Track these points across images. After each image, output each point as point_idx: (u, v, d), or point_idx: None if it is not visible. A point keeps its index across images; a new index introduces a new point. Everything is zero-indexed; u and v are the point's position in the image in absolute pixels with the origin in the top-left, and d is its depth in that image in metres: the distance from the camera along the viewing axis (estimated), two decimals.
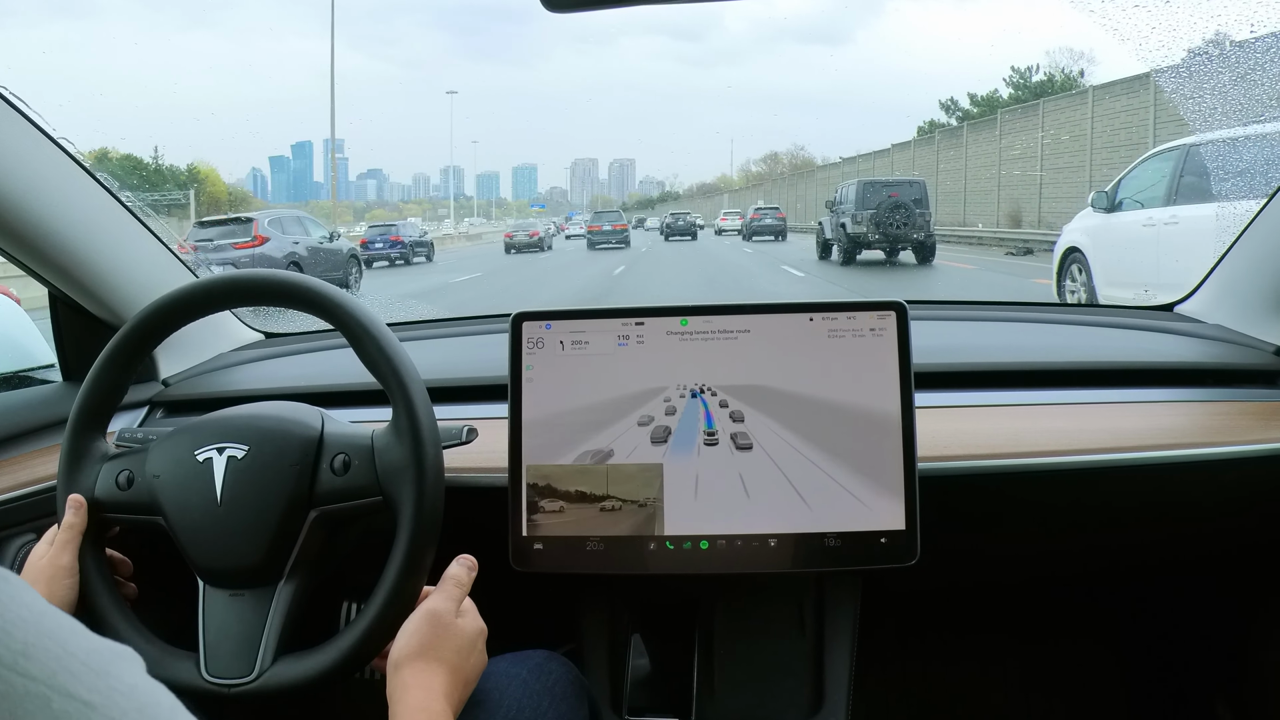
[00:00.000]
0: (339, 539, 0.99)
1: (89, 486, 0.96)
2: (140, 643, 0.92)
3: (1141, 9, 1.45)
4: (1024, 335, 1.54)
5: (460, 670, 0.85)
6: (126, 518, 0.97)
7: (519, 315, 1.07)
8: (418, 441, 0.91)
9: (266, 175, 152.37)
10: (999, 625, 1.74)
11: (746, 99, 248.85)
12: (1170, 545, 1.37)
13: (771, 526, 1.03)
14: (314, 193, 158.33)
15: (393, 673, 0.82)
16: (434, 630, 0.84)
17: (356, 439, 0.96)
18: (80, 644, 0.38)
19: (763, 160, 60.90)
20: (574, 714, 0.98)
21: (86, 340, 1.34)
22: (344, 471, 0.94)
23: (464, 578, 0.91)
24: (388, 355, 0.93)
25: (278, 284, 0.98)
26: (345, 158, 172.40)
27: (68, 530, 0.94)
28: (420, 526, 0.90)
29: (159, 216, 1.24)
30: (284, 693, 0.90)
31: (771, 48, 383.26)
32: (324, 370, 1.44)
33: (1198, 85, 1.53)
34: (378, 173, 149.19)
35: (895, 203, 14.47)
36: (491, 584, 0.98)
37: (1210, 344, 1.40)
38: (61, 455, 0.98)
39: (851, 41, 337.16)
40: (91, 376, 0.98)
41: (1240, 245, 1.41)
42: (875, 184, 15.51)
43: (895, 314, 1.05)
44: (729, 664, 1.19)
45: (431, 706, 0.78)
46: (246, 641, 0.91)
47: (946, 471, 1.11)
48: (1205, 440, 1.16)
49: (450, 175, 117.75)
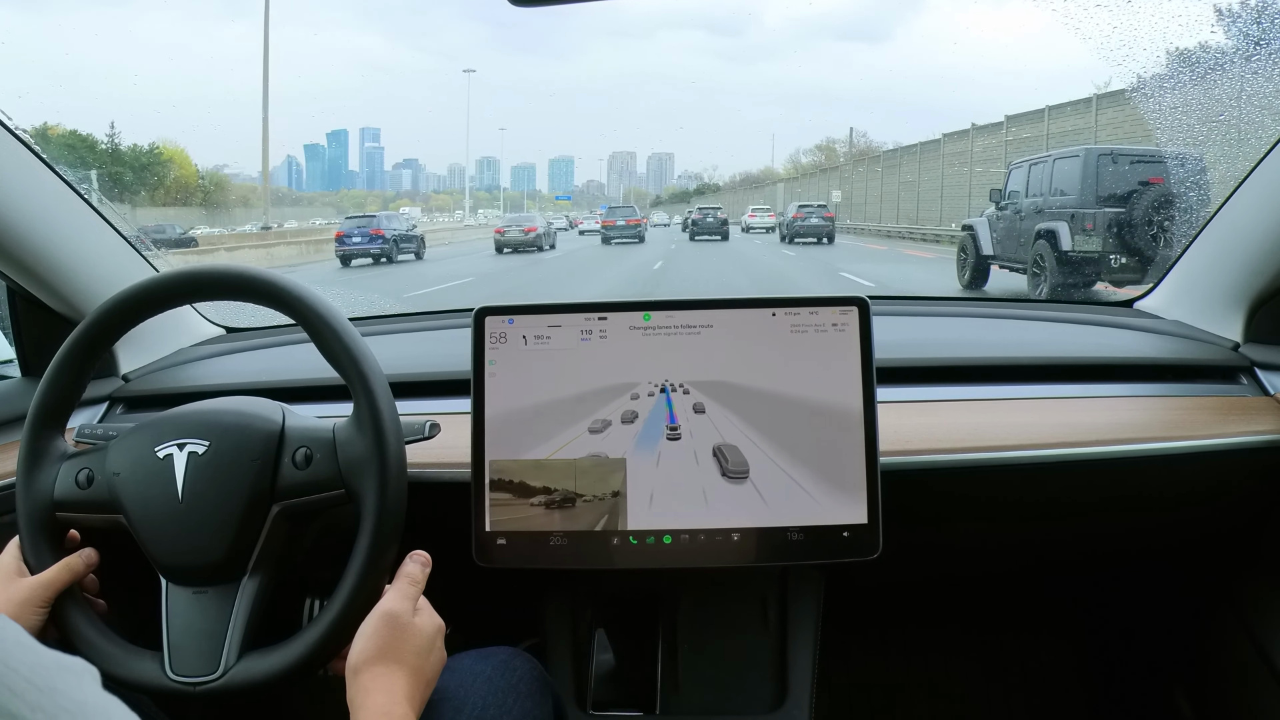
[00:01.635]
0: (302, 534, 0.98)
1: (49, 486, 0.95)
2: (103, 643, 0.91)
3: (1103, 9, 1.47)
4: (986, 331, 1.56)
5: (421, 671, 0.84)
6: (87, 517, 0.95)
7: (481, 310, 1.06)
8: (380, 434, 0.90)
9: (302, 164, 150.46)
10: (961, 618, 1.76)
11: (785, 95, 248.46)
12: (1129, 538, 1.39)
13: (734, 521, 1.03)
14: (349, 181, 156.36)
15: (352, 677, 0.81)
16: (391, 632, 0.84)
17: (318, 432, 0.95)
18: (24, 659, 0.36)
19: (817, 149, 52.89)
20: (539, 710, 0.98)
21: (45, 335, 1.33)
22: (306, 465, 0.93)
23: (418, 575, 0.90)
24: (348, 348, 0.92)
25: (238, 278, 0.97)
26: (380, 147, 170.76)
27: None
28: (383, 519, 0.89)
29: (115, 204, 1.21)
30: (249, 690, 0.89)
31: (810, 44, 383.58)
32: (286, 365, 1.43)
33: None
34: (413, 162, 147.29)
35: (1159, 192, 7.80)
36: (454, 580, 0.98)
37: (1169, 340, 1.42)
38: (20, 455, 0.96)
39: (891, 39, 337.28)
40: (49, 374, 0.97)
41: (1199, 243, 1.43)
42: (1119, 155, 8.61)
43: (858, 309, 1.05)
44: (693, 658, 1.19)
45: (394, 710, 0.77)
46: (211, 639, 0.90)
47: (908, 466, 1.12)
48: (1164, 435, 1.17)
49: (484, 167, 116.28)
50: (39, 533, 0.94)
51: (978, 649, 1.73)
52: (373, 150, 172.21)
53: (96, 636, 0.92)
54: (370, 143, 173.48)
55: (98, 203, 1.34)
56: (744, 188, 55.24)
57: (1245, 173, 1.30)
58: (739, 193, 51.41)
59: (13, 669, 0.35)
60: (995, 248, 9.93)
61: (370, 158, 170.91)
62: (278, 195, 58.95)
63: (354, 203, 65.37)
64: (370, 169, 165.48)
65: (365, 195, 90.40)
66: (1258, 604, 1.31)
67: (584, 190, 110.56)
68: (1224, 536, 1.37)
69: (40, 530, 0.94)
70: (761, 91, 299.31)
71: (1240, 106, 1.52)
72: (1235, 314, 1.36)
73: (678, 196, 77.13)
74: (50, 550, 0.94)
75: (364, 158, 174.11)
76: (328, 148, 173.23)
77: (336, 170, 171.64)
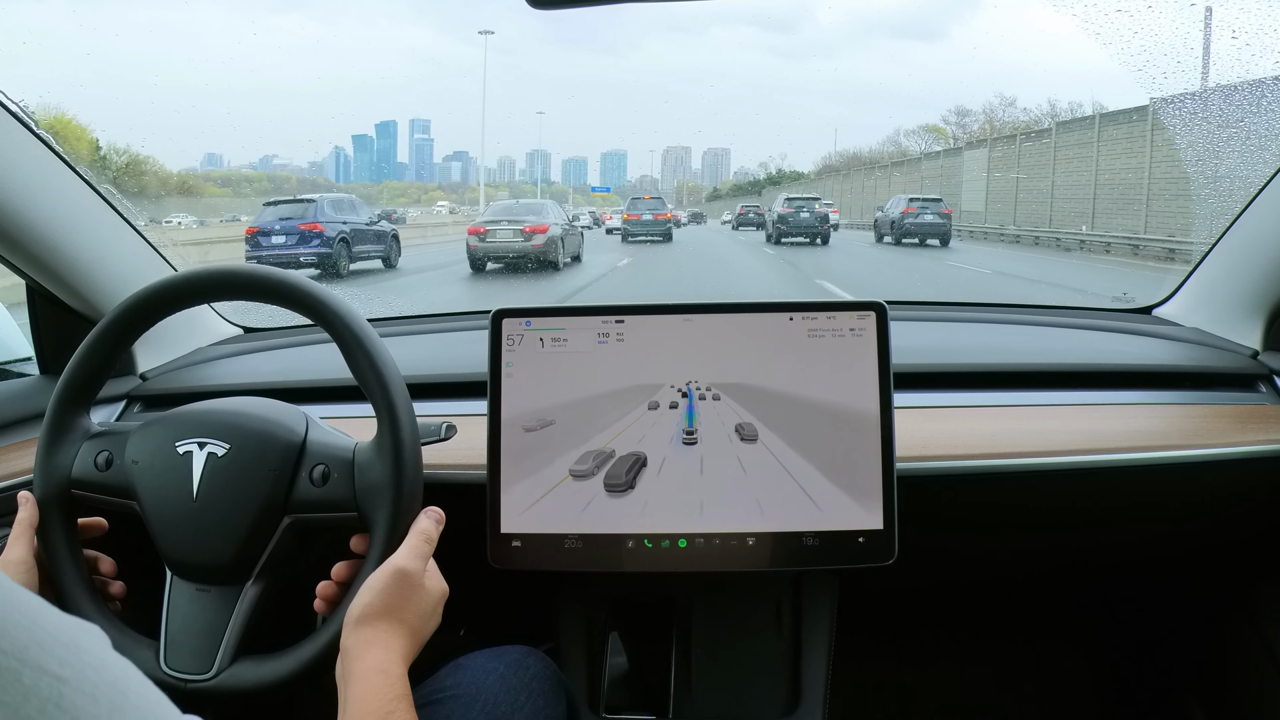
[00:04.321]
0: (309, 546, 0.98)
1: (67, 463, 0.95)
2: (102, 623, 0.91)
3: (1124, 14, 1.46)
4: (1003, 336, 1.55)
5: (420, 634, 0.84)
6: (102, 499, 0.96)
7: (499, 312, 1.07)
8: (399, 464, 0.90)
9: (349, 154, 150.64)
10: (975, 624, 1.75)
11: (841, 92, 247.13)
12: (1145, 545, 1.38)
13: (749, 525, 1.03)
14: (398, 173, 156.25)
15: (352, 627, 0.81)
16: (401, 590, 0.83)
17: (338, 451, 0.94)
18: (49, 618, 0.37)
19: (925, 130, 42.86)
20: (551, 709, 0.98)
21: (64, 334, 1.33)
22: (322, 483, 0.93)
23: (432, 532, 0.90)
24: (373, 361, 0.92)
25: (257, 279, 0.97)
26: (430, 139, 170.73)
27: (17, 525, 0.93)
28: (391, 550, 0.89)
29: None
30: (239, 694, 0.89)
31: (865, 41, 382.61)
32: (303, 366, 1.44)
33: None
34: (463, 155, 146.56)
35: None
36: (469, 581, 0.98)
37: (1188, 347, 1.41)
38: (43, 429, 0.96)
39: (947, 37, 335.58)
40: (77, 357, 0.97)
41: (1217, 250, 1.42)
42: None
43: (875, 314, 1.05)
44: (706, 662, 1.19)
45: (391, 670, 0.77)
46: (208, 638, 0.91)
47: (925, 472, 1.12)
48: (1182, 443, 1.17)
49: (534, 160, 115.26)
50: (52, 506, 0.94)
51: (991, 656, 1.72)
52: (422, 142, 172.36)
53: (96, 615, 0.92)
54: (420, 134, 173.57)
55: (116, 201, 1.34)
56: (827, 175, 43.72)
57: (1265, 180, 1.30)
58: (826, 182, 41.50)
59: (41, 627, 0.36)
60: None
61: (419, 150, 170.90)
62: (314, 185, 58.11)
63: (394, 194, 64.48)
64: (419, 161, 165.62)
65: (405, 186, 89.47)
66: (1273, 613, 1.30)
67: (637, 185, 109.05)
68: (1240, 545, 1.36)
69: (53, 505, 0.95)
70: (818, 88, 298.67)
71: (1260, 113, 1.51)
72: (1254, 321, 1.35)
73: (741, 189, 66.63)
74: (61, 526, 0.94)
75: (413, 150, 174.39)
76: (376, 139, 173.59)
77: (386, 162, 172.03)
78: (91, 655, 0.37)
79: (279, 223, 11.69)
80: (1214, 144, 1.61)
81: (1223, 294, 1.42)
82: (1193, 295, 1.51)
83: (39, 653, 0.35)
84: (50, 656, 0.35)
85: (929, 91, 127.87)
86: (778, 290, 12.49)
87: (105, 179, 1.30)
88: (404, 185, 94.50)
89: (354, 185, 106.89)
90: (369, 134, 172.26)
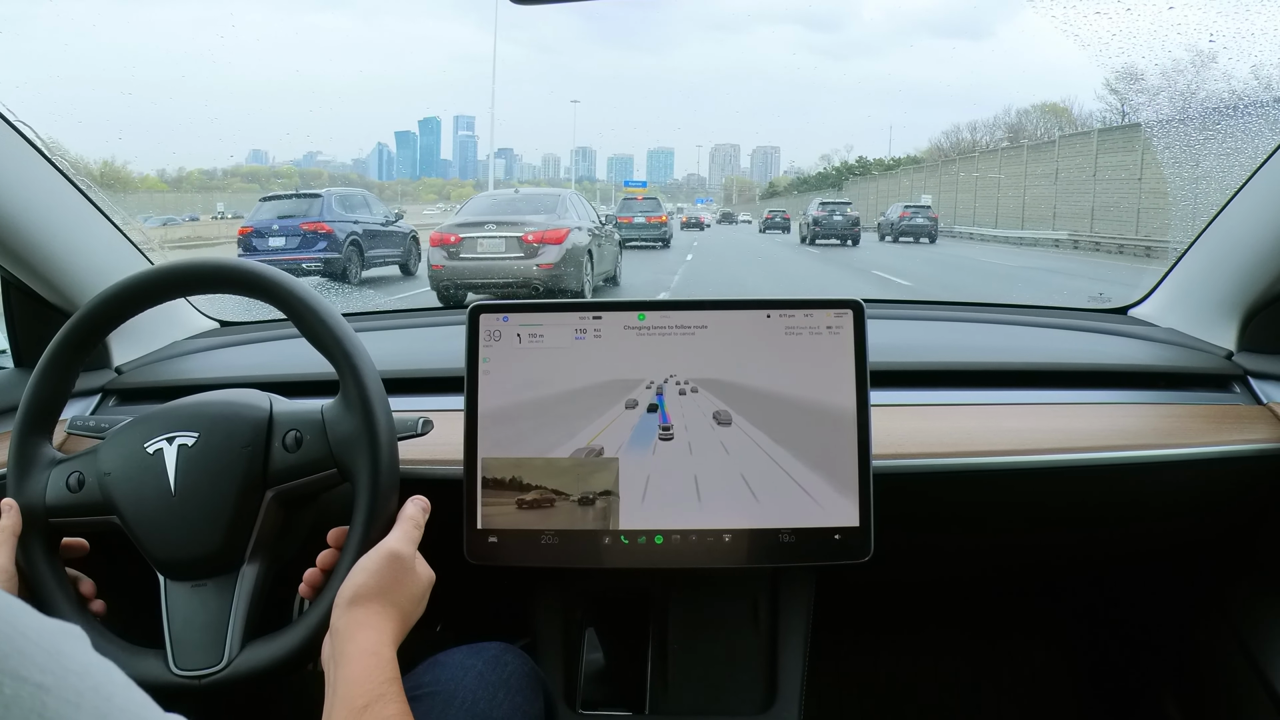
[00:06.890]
0: (297, 519, 0.98)
1: (39, 492, 0.94)
2: (102, 643, 0.90)
3: (1102, 16, 1.47)
4: (980, 335, 1.56)
5: (410, 618, 0.84)
6: (80, 520, 0.94)
7: (476, 307, 1.06)
8: (368, 409, 0.90)
9: (392, 150, 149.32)
10: (952, 621, 1.76)
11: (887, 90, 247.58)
12: (1121, 543, 1.39)
13: (726, 522, 1.03)
14: (441, 170, 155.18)
15: (344, 608, 0.80)
16: (394, 573, 0.84)
17: (306, 414, 0.95)
18: (29, 623, 0.36)
19: (1035, 109, 40.76)
20: (529, 706, 0.98)
21: (39, 326, 1.32)
22: (296, 448, 0.92)
23: (420, 518, 0.91)
24: (333, 332, 0.92)
25: (231, 272, 0.96)
26: (474, 135, 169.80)
27: (0, 532, 0.91)
28: (378, 493, 0.89)
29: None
30: (255, 678, 0.88)
31: (909, 40, 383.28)
32: (279, 359, 1.43)
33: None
34: (507, 152, 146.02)
35: None
36: (446, 576, 0.97)
37: (1163, 347, 1.42)
38: (9, 461, 0.95)
39: (993, 36, 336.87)
40: (36, 375, 0.96)
41: (1193, 252, 1.43)
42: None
43: (852, 312, 1.05)
44: (683, 658, 1.19)
45: (381, 652, 0.77)
46: (213, 631, 0.90)
47: (901, 469, 1.12)
48: (1157, 442, 1.18)
49: (580, 157, 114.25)
50: (32, 539, 0.93)
51: (969, 652, 1.73)
52: (465, 139, 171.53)
53: (95, 637, 0.91)
54: (464, 131, 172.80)
55: (93, 195, 1.33)
56: (916, 169, 38.18)
57: (1241, 181, 1.31)
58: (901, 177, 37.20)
59: (21, 632, 0.35)
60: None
61: (463, 146, 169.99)
62: (345, 181, 57.38)
63: (432, 191, 63.42)
64: (463, 158, 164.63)
65: (443, 184, 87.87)
66: (1248, 611, 1.32)
67: (684, 183, 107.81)
68: (1215, 544, 1.38)
69: (33, 533, 0.93)
70: (865, 87, 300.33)
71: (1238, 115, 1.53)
72: (1229, 322, 1.36)
73: (797, 185, 60.01)
74: (44, 556, 0.92)
75: (457, 146, 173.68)
76: (419, 135, 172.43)
77: (430, 158, 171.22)
78: (74, 660, 0.37)
79: (278, 222, 9.76)
80: (1191, 146, 1.62)
81: (1198, 295, 1.43)
82: (1168, 296, 1.52)
83: (19, 660, 0.34)
84: (31, 664, 0.34)
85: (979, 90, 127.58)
86: (846, 285, 12.71)
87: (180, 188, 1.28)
88: (441, 182, 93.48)
89: (385, 183, 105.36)
90: (412, 130, 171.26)
